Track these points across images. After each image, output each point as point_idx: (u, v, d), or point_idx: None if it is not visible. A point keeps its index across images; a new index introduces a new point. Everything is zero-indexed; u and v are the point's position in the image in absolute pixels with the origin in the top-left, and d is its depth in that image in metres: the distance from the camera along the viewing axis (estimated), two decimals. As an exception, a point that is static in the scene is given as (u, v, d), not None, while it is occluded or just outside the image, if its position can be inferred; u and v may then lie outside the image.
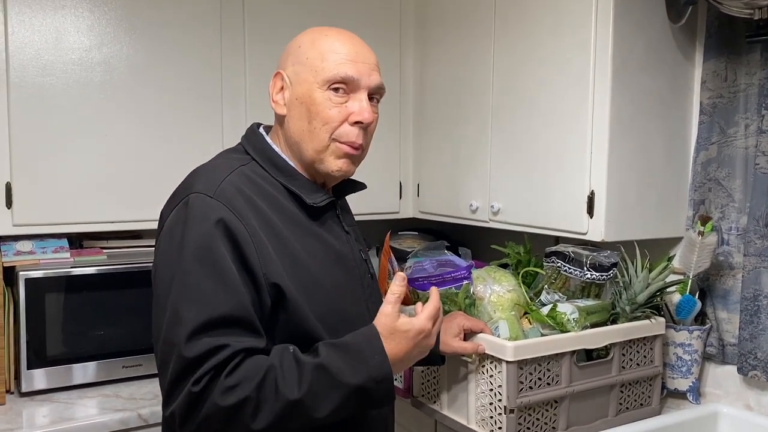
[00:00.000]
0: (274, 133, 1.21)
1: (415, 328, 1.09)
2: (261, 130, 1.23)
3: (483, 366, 1.48)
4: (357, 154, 1.17)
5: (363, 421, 1.17)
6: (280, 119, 1.19)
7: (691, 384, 1.74)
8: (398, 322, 1.08)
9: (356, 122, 1.14)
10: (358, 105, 1.14)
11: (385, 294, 1.12)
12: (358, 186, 1.30)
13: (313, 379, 1.01)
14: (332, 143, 1.14)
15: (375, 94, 1.19)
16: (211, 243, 1.03)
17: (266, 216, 1.09)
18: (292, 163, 1.18)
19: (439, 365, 1.54)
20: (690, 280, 1.71)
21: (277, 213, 1.11)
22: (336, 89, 1.13)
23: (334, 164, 1.15)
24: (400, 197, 2.39)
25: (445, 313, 1.53)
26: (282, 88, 1.17)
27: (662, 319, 1.66)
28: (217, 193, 1.07)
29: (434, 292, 1.17)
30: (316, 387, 1.01)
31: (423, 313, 1.11)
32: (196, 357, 0.98)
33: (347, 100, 1.14)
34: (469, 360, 1.49)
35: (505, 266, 1.86)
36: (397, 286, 1.10)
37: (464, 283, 1.54)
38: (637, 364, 1.62)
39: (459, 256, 1.82)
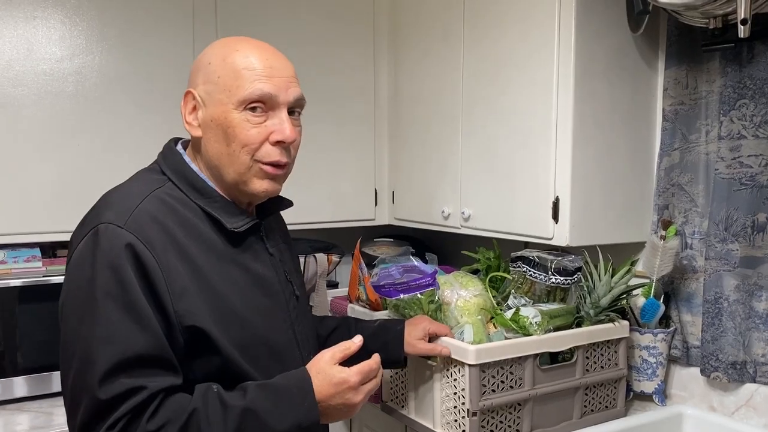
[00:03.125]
0: (192, 152, 1.15)
1: (340, 376, 1.06)
2: (179, 146, 1.16)
3: (447, 370, 1.50)
4: (282, 173, 1.12)
5: None
6: (196, 141, 1.13)
7: (656, 386, 1.77)
8: (329, 365, 1.07)
9: (277, 142, 1.09)
10: (279, 123, 1.08)
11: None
12: (284, 203, 1.25)
13: (240, 424, 0.98)
14: (254, 164, 1.09)
15: (296, 108, 1.13)
16: (123, 282, 0.98)
17: (182, 246, 1.04)
18: (211, 184, 1.12)
19: (402, 367, 1.56)
20: (654, 284, 1.74)
21: (194, 241, 1.06)
22: (253, 108, 1.07)
23: (258, 185, 1.11)
24: (376, 204, 2.42)
25: (410, 317, 1.56)
26: (194, 108, 1.11)
27: (626, 322, 1.69)
28: (128, 223, 1.01)
29: (375, 357, 1.12)
30: (243, 431, 0.99)
31: (354, 367, 1.08)
32: (110, 399, 0.94)
33: (266, 119, 1.08)
34: (434, 363, 1.52)
35: (476, 272, 1.89)
36: (352, 344, 1.10)
37: (429, 289, 1.56)
38: (602, 367, 1.65)
39: (426, 261, 1.84)
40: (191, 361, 1.03)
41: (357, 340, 1.11)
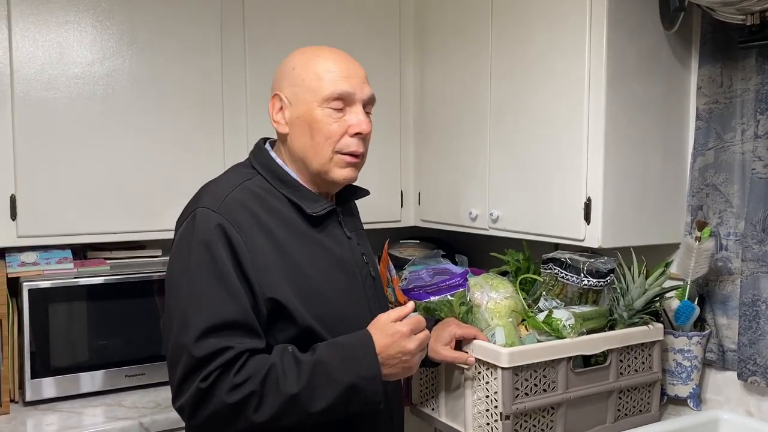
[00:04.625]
0: (278, 148, 1.31)
1: (393, 328, 1.18)
2: (267, 145, 1.32)
3: (479, 372, 1.48)
4: (358, 161, 1.28)
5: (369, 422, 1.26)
6: (283, 137, 1.28)
7: (691, 390, 1.73)
8: (385, 323, 1.19)
9: (356, 133, 1.25)
10: (356, 117, 1.25)
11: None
12: (361, 192, 1.41)
13: (311, 375, 1.11)
14: (335, 155, 1.25)
15: (368, 104, 1.30)
16: (216, 258, 1.13)
17: (268, 228, 1.19)
18: (294, 175, 1.27)
19: (429, 366, 1.57)
20: (688, 286, 1.71)
21: (279, 224, 1.21)
22: (334, 106, 1.23)
23: (339, 174, 1.26)
24: (402, 206, 2.41)
25: (441, 319, 1.54)
26: (281, 108, 1.26)
27: (660, 325, 1.66)
28: (221, 208, 1.17)
29: (419, 317, 1.24)
30: (313, 382, 1.11)
31: (403, 320, 1.20)
32: (203, 356, 1.09)
33: (345, 114, 1.24)
34: (465, 367, 1.50)
35: (504, 273, 1.87)
36: (406, 307, 1.21)
37: (459, 290, 1.55)
38: (636, 371, 1.62)
39: (456, 263, 1.83)
40: (273, 328, 1.17)
41: (410, 304, 1.22)
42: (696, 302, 1.73)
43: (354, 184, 1.35)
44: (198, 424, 1.13)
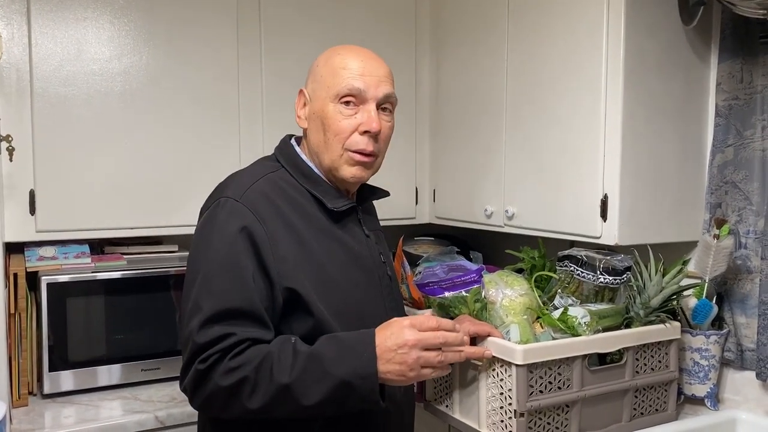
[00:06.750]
0: (303, 144, 1.33)
1: (396, 321, 1.13)
2: (293, 141, 1.34)
3: (493, 369, 1.48)
4: (369, 161, 1.27)
5: (376, 419, 1.24)
6: (304, 132, 1.31)
7: (708, 390, 1.71)
8: (400, 328, 1.12)
9: (365, 132, 1.24)
10: (367, 116, 1.24)
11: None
12: (380, 193, 1.41)
13: (304, 367, 1.09)
14: (345, 153, 1.25)
15: (385, 104, 1.28)
16: (233, 249, 1.14)
17: (288, 219, 1.20)
18: (317, 171, 1.29)
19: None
20: (706, 284, 1.69)
21: (299, 216, 1.22)
22: (346, 102, 1.23)
23: (348, 171, 1.26)
24: (417, 203, 2.41)
25: (454, 317, 1.54)
26: (304, 104, 1.29)
27: (677, 324, 1.64)
28: (243, 197, 1.19)
29: (432, 317, 1.18)
30: (306, 374, 1.09)
31: (419, 333, 1.12)
32: (206, 342, 1.10)
33: (357, 112, 1.24)
34: (479, 363, 1.49)
35: (520, 271, 1.86)
36: (429, 320, 1.15)
37: (474, 286, 1.54)
38: (652, 369, 1.60)
39: (470, 260, 1.82)
40: (289, 319, 1.18)
41: (431, 318, 1.17)
42: (714, 301, 1.71)
43: (371, 184, 1.35)
44: (198, 406, 1.16)
